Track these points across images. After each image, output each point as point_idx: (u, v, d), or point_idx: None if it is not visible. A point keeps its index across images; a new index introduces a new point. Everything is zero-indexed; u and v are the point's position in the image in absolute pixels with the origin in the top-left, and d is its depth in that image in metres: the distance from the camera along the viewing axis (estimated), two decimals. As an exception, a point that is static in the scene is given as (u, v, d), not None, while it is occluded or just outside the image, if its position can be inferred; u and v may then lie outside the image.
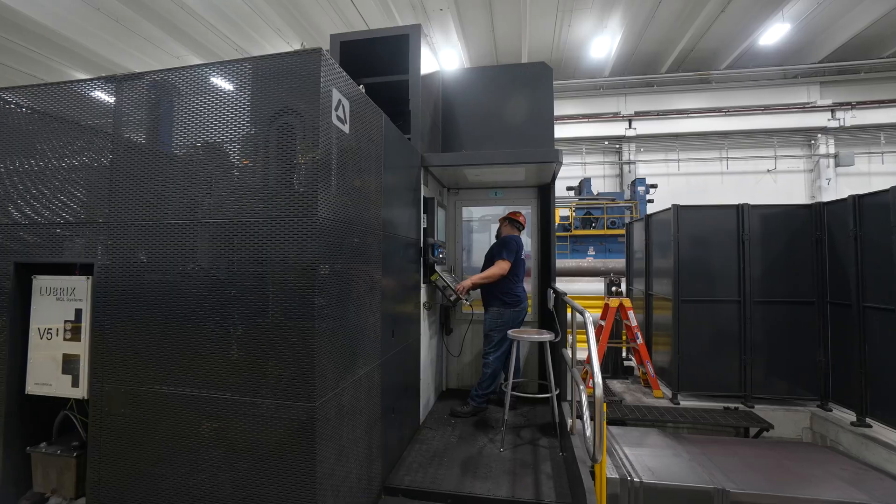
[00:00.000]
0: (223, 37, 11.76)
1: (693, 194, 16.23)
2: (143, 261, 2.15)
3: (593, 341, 2.40)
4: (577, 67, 15.39)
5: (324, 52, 2.00)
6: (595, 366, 2.25)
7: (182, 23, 11.04)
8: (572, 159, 17.09)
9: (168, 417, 2.08)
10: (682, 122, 16.10)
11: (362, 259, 2.49)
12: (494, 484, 2.83)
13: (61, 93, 2.35)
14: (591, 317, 2.80)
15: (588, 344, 2.43)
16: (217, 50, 12.36)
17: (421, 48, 3.84)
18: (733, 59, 14.46)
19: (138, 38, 11.37)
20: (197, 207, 2.09)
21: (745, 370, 5.24)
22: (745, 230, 5.24)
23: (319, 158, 1.96)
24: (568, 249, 14.29)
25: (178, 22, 10.98)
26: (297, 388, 1.93)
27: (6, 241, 2.39)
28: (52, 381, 2.32)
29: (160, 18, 10.76)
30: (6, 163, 2.41)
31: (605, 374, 6.43)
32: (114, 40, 11.09)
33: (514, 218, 4.39)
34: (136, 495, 2.12)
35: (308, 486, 1.91)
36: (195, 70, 2.12)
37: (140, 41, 11.46)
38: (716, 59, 14.89)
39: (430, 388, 4.19)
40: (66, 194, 2.31)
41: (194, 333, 2.05)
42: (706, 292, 5.32)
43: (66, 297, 2.33)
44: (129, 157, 2.21)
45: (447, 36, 12.95)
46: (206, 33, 11.59)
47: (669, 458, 3.81)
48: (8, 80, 12.63)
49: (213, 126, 2.07)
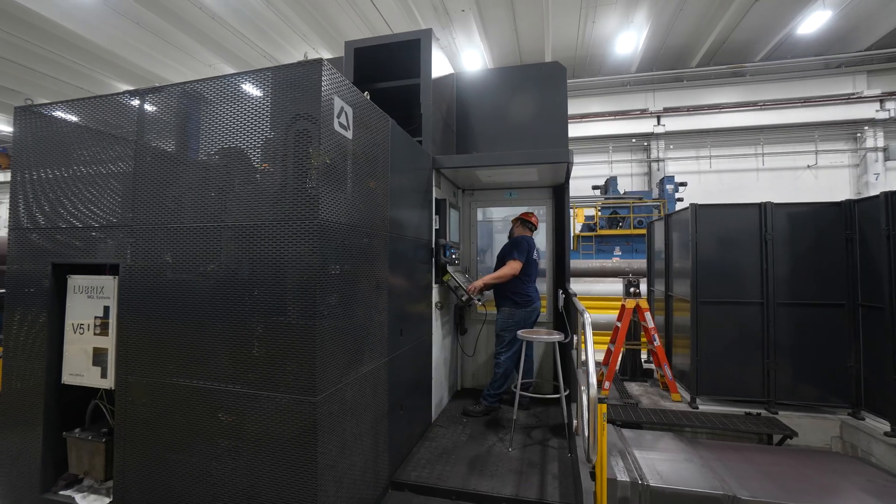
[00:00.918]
0: (252, 44, 12.20)
1: (726, 192, 15.70)
2: (162, 261, 2.31)
3: (590, 341, 2.41)
4: (602, 64, 15.12)
5: (325, 63, 2.10)
6: (590, 366, 2.27)
7: (214, 33, 11.52)
8: (598, 158, 16.82)
9: (184, 408, 2.23)
10: (715, 117, 15.56)
11: (367, 259, 2.59)
12: (500, 482, 2.87)
13: (91, 106, 2.55)
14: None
15: (585, 344, 2.45)
16: (247, 57, 12.82)
17: (432, 52, 3.91)
18: (769, 50, 13.88)
19: (174, 50, 11.95)
20: (209, 211, 2.23)
21: (768, 374, 5.06)
22: (767, 229, 5.06)
23: (321, 164, 2.06)
24: (593, 249, 14.07)
25: (210, 32, 11.47)
26: (299, 382, 2.03)
27: (45, 243, 2.61)
28: (84, 373, 2.53)
29: (194, 30, 11.27)
30: (44, 171, 2.63)
31: (624, 376, 6.34)
32: (152, 52, 11.71)
33: (526, 218, 4.41)
34: (156, 479, 2.29)
35: (310, 476, 2.02)
36: (204, 83, 2.26)
37: (176, 52, 12.04)
38: (750, 50, 14.33)
39: (443, 386, 4.26)
40: (94, 199, 2.51)
41: (206, 330, 2.19)
42: (726, 293, 5.17)
43: (96, 294, 2.53)
44: (149, 164, 2.38)
45: (470, 37, 13.00)
46: (237, 42, 12.05)
47: (681, 463, 3.75)
48: (63, 93, 13.53)
49: (223, 135, 2.21)
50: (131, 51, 11.28)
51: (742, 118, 15.38)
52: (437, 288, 4.02)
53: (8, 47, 11.51)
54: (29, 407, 2.58)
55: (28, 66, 12.43)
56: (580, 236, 14.47)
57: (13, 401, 2.63)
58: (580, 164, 16.98)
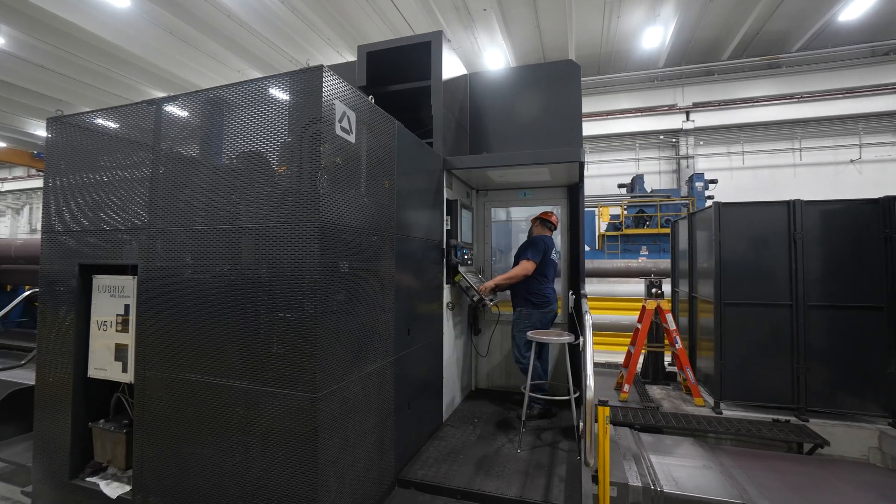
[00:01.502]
0: (279, 50, 12.53)
1: (760, 189, 15.07)
2: (176, 262, 2.42)
3: (590, 343, 2.38)
4: (628, 59, 14.76)
5: (326, 69, 2.15)
6: (589, 368, 2.24)
7: (242, 39, 11.89)
8: (625, 155, 16.45)
9: (195, 402, 2.33)
10: (748, 111, 14.96)
11: (372, 260, 2.63)
12: (505, 483, 2.87)
13: (113, 115, 2.70)
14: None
15: (584, 345, 2.41)
16: (274, 62, 13.17)
17: (443, 54, 3.93)
18: (807, 39, 13.25)
19: (205, 57, 12.41)
20: (218, 214, 2.32)
21: (797, 379, 4.84)
22: (796, 228, 4.83)
23: (322, 168, 2.11)
24: (619, 249, 13.78)
25: (238, 39, 11.84)
26: (301, 380, 2.10)
27: (72, 245, 2.78)
28: (107, 367, 2.68)
29: (223, 37, 11.66)
30: (73, 176, 2.80)
31: (645, 378, 6.19)
32: (184, 59, 12.19)
33: (545, 218, 4.36)
34: (171, 470, 2.40)
35: (311, 471, 2.08)
36: (212, 92, 2.36)
37: (206, 59, 12.50)
38: (786, 41, 13.70)
39: (455, 386, 4.28)
40: (116, 203, 2.65)
41: (216, 328, 2.28)
42: (752, 295, 4.97)
43: (118, 293, 2.67)
44: (163, 169, 2.49)
45: (492, 36, 12.95)
46: (264, 48, 12.40)
47: (698, 470, 3.63)
48: (102, 101, 14.27)
49: (231, 142, 2.29)
50: (164, 58, 11.79)
51: (778, 111, 14.74)
52: (449, 288, 4.04)
53: (51, 58, 12.24)
54: (59, 399, 2.76)
55: (70, 76, 13.19)
56: (605, 235, 14.19)
57: (46, 393, 2.82)
58: (605, 161, 16.68)
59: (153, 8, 10.28)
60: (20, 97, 14.67)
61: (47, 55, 12.06)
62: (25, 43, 11.53)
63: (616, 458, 3.75)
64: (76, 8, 9.73)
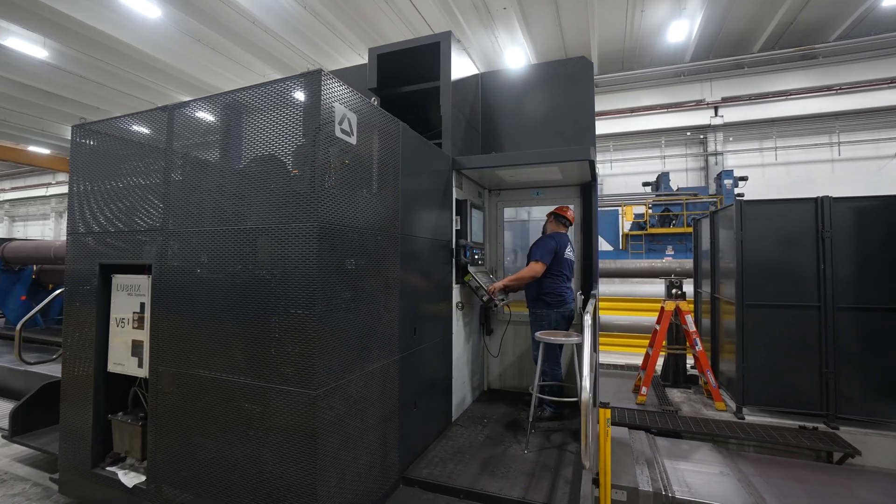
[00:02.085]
0: (302, 54, 12.80)
1: (794, 186, 14.47)
2: (185, 262, 2.52)
3: (588, 344, 2.34)
4: (653, 54, 14.40)
5: (325, 73, 2.20)
6: (585, 368, 2.21)
7: (267, 45, 12.21)
8: (650, 153, 16.05)
9: (203, 397, 2.42)
10: (781, 105, 14.37)
11: (374, 259, 2.66)
12: (509, 484, 2.85)
13: (131, 122, 2.82)
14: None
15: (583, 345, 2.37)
16: (297, 66, 13.44)
17: (452, 55, 3.94)
18: (846, 28, 12.63)
19: (231, 62, 12.80)
20: (224, 215, 2.40)
21: (826, 385, 4.62)
22: (824, 226, 4.62)
23: (320, 169, 2.15)
24: (643, 249, 13.47)
25: (263, 44, 12.16)
26: (301, 377, 2.14)
27: (94, 246, 2.92)
28: (124, 362, 2.80)
29: (248, 43, 12.00)
30: (95, 181, 2.94)
31: (666, 381, 6.04)
32: (211, 65, 12.61)
33: (560, 213, 4.26)
34: (181, 460, 2.49)
35: (310, 466, 2.12)
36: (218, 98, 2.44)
37: (232, 64, 12.89)
38: (823, 30, 13.10)
39: (465, 386, 4.28)
40: (132, 206, 2.77)
41: (220, 326, 2.36)
42: (776, 296, 4.77)
43: (134, 292, 2.79)
44: (175, 173, 2.59)
45: (512, 35, 12.88)
46: (288, 52, 12.69)
47: (714, 476, 3.51)
48: (134, 107, 14.91)
49: (236, 146, 2.37)
50: (192, 65, 12.24)
51: (814, 104, 14.10)
52: (459, 288, 4.04)
53: (89, 68, 12.89)
54: (82, 392, 2.91)
55: (106, 84, 13.88)
56: (629, 235, 13.89)
57: (71, 386, 2.97)
58: (629, 160, 16.32)
59: (182, 17, 10.68)
60: (62, 106, 15.51)
61: (86, 65, 12.71)
62: (67, 55, 12.17)
63: (628, 461, 3.68)
64: (112, 20, 10.22)
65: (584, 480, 2.45)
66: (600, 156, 16.70)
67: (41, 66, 12.64)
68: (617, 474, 3.42)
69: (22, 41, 11.15)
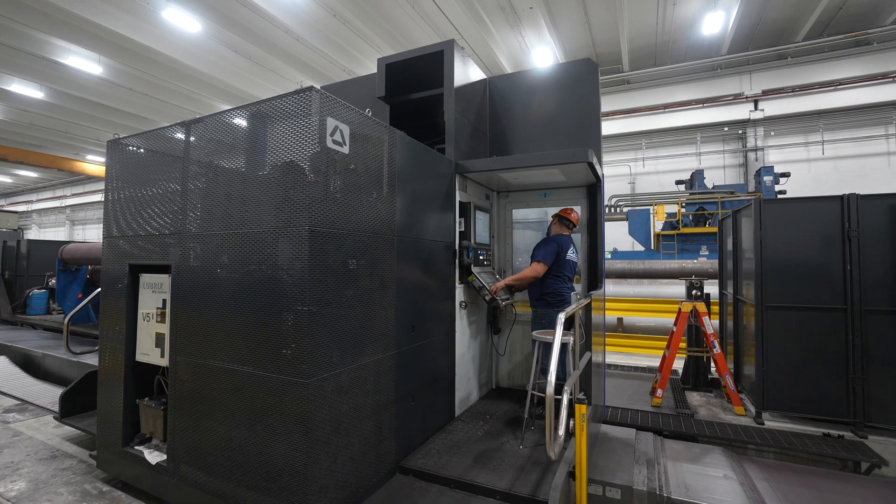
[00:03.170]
0: (333, 61, 13.24)
1: (844, 181, 13.60)
2: (197, 263, 2.79)
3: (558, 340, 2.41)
4: (687, 48, 13.92)
5: (316, 89, 2.39)
6: (553, 363, 2.29)
7: (300, 53, 12.73)
8: (685, 150, 15.53)
9: (213, 384, 2.67)
10: (829, 95, 13.55)
11: (369, 260, 2.83)
12: (498, 476, 2.96)
13: (154, 138, 3.13)
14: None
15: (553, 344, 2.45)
16: (329, 73, 13.93)
17: (454, 62, 4.06)
18: (903, 11, 11.78)
19: (267, 71, 13.44)
20: (230, 220, 2.64)
21: (853, 391, 4.42)
22: (850, 226, 4.41)
23: (311, 177, 2.34)
24: (675, 249, 13.06)
25: (296, 53, 12.70)
26: (293, 367, 2.34)
27: (125, 247, 3.26)
28: (150, 352, 3.11)
29: (282, 52, 12.56)
30: (125, 189, 3.28)
31: (686, 385, 5.91)
32: (248, 75, 13.30)
33: (564, 215, 4.31)
34: (195, 442, 2.76)
35: (302, 449, 2.32)
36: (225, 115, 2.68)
37: (268, 73, 13.53)
38: (876, 14, 12.27)
39: (470, 383, 4.39)
40: (156, 212, 3.07)
41: (227, 319, 2.61)
42: (798, 298, 4.59)
43: (158, 290, 3.10)
44: (191, 183, 2.86)
45: (539, 34, 12.81)
46: (320, 60, 13.18)
47: (717, 479, 3.46)
48: (177, 115, 15.93)
49: (239, 158, 2.60)
50: (230, 75, 12.96)
51: (867, 94, 13.22)
52: (463, 288, 4.16)
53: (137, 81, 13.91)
54: (115, 379, 3.25)
55: (152, 96, 14.96)
56: (660, 235, 13.50)
57: (106, 374, 3.32)
58: (662, 157, 15.84)
59: (220, 30, 11.34)
60: (114, 117, 16.81)
61: (134, 79, 13.72)
62: (118, 70, 13.18)
63: (628, 461, 3.68)
64: (157, 35, 11.01)
65: (558, 472, 2.53)
66: (632, 154, 16.32)
67: (96, 81, 13.75)
68: (613, 473, 3.45)
69: (80, 59, 12.19)
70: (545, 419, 3.47)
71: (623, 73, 14.98)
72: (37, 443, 3.98)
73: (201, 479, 2.73)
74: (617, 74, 15.06)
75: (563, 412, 2.45)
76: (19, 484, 3.31)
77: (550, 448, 2.24)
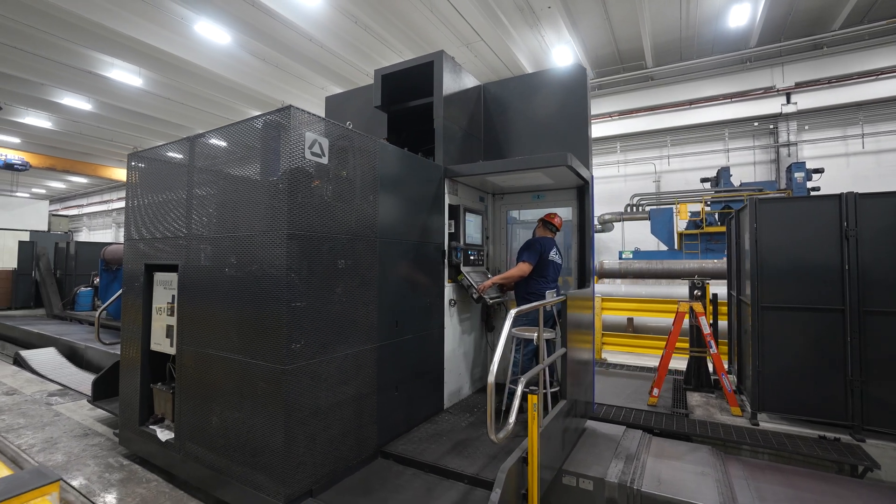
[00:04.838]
0: (355, 66, 13.64)
1: (886, 176, 12.89)
2: (198, 263, 3.13)
3: (504, 336, 2.60)
4: (713, 42, 13.52)
5: (293, 108, 2.66)
6: (497, 354, 2.48)
7: (323, 59, 13.20)
8: (713, 146, 15.07)
9: (210, 370, 3.00)
10: (870, 86, 12.83)
11: (349, 260, 3.09)
12: (469, 462, 3.16)
13: (165, 149, 3.51)
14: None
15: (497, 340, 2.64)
16: (352, 77, 14.35)
17: (444, 71, 4.26)
18: (950, -6, 11.05)
19: (293, 78, 14.02)
20: (224, 225, 2.97)
21: (851, 393, 4.34)
22: (848, 225, 4.33)
23: (286, 186, 2.62)
24: (699, 249, 12.76)
25: (320, 59, 13.17)
26: (274, 354, 2.63)
27: (142, 249, 3.66)
28: (161, 342, 3.49)
29: (306, 59, 13.07)
30: (142, 198, 3.68)
31: (688, 385, 5.90)
32: (275, 82, 13.93)
33: (547, 220, 4.48)
34: (197, 422, 3.10)
35: (281, 428, 2.60)
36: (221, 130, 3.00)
37: (294, 79, 14.11)
38: (921, -2, 11.55)
39: (462, 378, 4.60)
40: (168, 217, 3.44)
41: (221, 313, 2.93)
42: (795, 298, 4.54)
43: (168, 286, 3.47)
44: (194, 191, 3.21)
45: (558, 33, 12.78)
46: (342, 65, 13.61)
47: (692, 475, 3.52)
48: (210, 122, 16.84)
49: (232, 169, 2.92)
50: (258, 82, 13.63)
51: (912, 83, 12.46)
52: (453, 286, 4.37)
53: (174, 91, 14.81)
54: (133, 366, 3.65)
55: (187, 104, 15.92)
56: (683, 234, 13.22)
57: (126, 362, 3.74)
58: (689, 155, 15.43)
59: (248, 40, 11.96)
60: (153, 125, 18.00)
61: (170, 88, 14.62)
62: (155, 80, 14.08)
63: (607, 455, 3.80)
64: (189, 47, 11.76)
65: (511, 456, 2.71)
66: (656, 152, 15.98)
67: (136, 92, 14.74)
68: (589, 466, 3.59)
69: (122, 72, 13.14)
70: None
71: (646, 70, 14.71)
72: (73, 422, 4.47)
73: (202, 455, 3.07)
74: (640, 71, 14.80)
75: (515, 401, 2.63)
76: (56, 456, 3.77)
77: (491, 431, 2.44)
